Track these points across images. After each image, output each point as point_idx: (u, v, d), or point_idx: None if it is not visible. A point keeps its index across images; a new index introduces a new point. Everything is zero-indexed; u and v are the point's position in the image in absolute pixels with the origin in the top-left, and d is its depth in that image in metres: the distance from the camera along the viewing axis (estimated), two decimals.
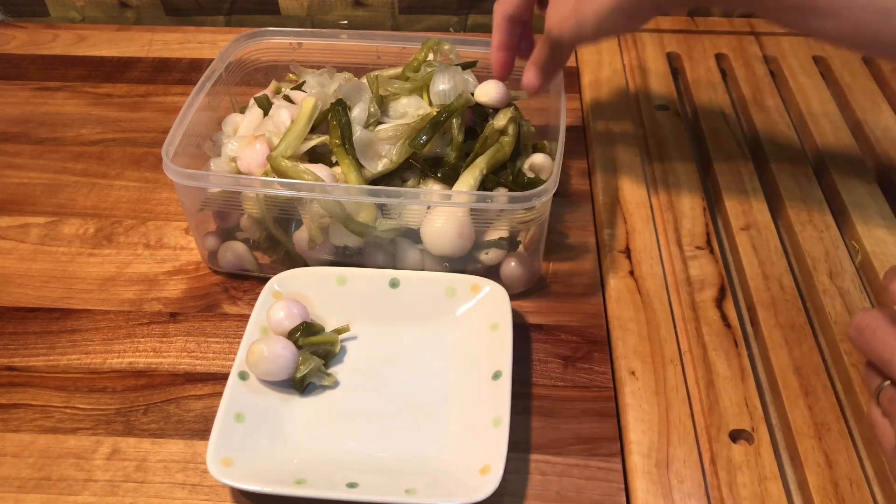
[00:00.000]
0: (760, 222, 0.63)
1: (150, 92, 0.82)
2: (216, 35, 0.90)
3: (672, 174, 0.68)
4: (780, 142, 0.71)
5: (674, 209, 0.65)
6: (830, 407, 0.50)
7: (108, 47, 0.88)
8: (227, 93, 0.67)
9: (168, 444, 0.51)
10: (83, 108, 0.79)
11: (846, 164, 0.68)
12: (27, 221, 0.67)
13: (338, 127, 0.57)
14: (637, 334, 0.55)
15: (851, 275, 0.58)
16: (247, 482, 0.45)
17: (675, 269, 0.60)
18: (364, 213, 0.55)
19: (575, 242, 0.65)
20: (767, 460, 0.48)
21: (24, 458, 0.50)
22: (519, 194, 0.52)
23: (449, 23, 0.93)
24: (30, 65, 0.85)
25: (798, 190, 0.66)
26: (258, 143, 0.57)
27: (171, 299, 0.60)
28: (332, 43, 0.68)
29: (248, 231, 0.60)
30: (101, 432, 0.51)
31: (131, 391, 0.54)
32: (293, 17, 0.93)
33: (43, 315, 0.59)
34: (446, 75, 0.60)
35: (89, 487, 0.48)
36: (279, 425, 0.50)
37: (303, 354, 0.52)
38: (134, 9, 0.93)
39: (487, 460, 0.46)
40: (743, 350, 0.54)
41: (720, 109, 0.75)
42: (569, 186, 0.70)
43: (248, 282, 0.61)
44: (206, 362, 0.56)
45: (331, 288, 0.57)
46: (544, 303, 0.60)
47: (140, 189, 0.70)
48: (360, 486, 0.46)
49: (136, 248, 0.64)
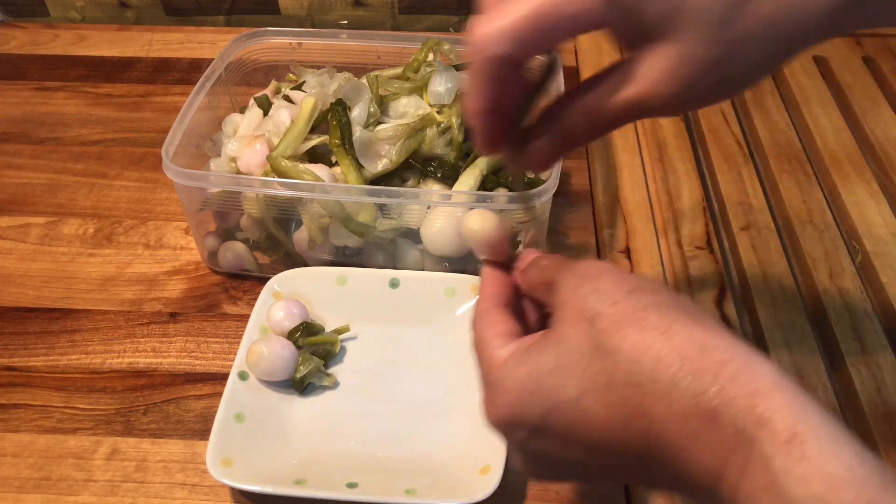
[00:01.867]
0: (760, 222, 0.63)
1: (149, 92, 0.81)
2: (216, 35, 0.90)
3: (672, 174, 0.68)
4: (780, 142, 0.71)
5: (674, 209, 0.65)
6: (830, 407, 0.50)
7: (108, 47, 0.88)
8: (227, 93, 0.67)
9: (168, 444, 0.51)
10: (83, 108, 0.79)
11: (846, 164, 0.68)
12: (27, 221, 0.67)
13: (338, 127, 0.56)
14: None
15: (851, 275, 0.58)
16: (246, 482, 0.45)
17: (675, 269, 0.60)
18: (364, 213, 0.55)
19: (575, 242, 0.65)
20: None
21: (24, 458, 0.50)
22: (519, 194, 0.52)
23: (449, 23, 0.93)
24: (30, 65, 0.85)
25: (798, 190, 0.66)
26: (258, 143, 0.57)
27: (171, 299, 0.60)
28: (332, 43, 0.68)
29: (248, 231, 0.60)
30: (101, 432, 0.51)
31: (131, 391, 0.54)
32: (293, 17, 0.93)
33: (43, 315, 0.59)
34: (444, 76, 0.60)
35: (89, 487, 0.48)
36: (279, 425, 0.50)
37: (303, 354, 0.52)
38: (134, 9, 0.93)
39: (487, 460, 0.46)
40: None
41: (720, 109, 0.75)
42: (569, 186, 0.70)
43: (248, 282, 0.61)
44: (206, 362, 0.56)
45: (331, 288, 0.57)
46: None
47: (140, 189, 0.70)
48: (360, 486, 0.46)
49: (135, 248, 0.64)
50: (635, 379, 0.27)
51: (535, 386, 0.30)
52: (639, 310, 0.29)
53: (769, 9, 0.29)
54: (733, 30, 0.29)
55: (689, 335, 0.27)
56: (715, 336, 0.27)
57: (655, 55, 0.30)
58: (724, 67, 0.30)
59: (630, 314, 0.29)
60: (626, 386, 0.27)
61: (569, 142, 0.35)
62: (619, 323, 0.28)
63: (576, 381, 0.29)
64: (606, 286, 0.30)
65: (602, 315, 0.29)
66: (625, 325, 0.28)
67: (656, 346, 0.27)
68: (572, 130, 0.34)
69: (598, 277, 0.31)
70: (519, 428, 0.31)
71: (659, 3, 0.29)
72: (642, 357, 0.27)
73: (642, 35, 0.30)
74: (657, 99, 0.31)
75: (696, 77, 0.30)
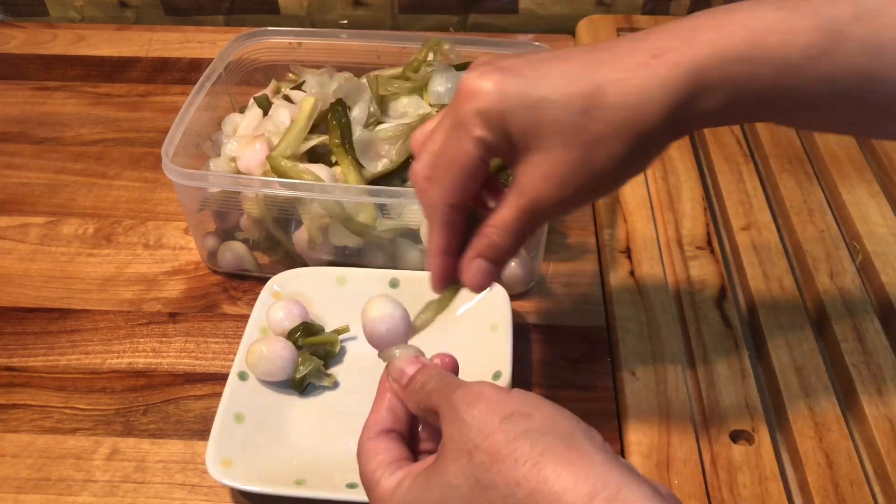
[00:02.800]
0: (760, 222, 0.63)
1: (149, 92, 0.81)
2: (216, 35, 0.90)
3: (672, 174, 0.68)
4: (780, 142, 0.71)
5: (674, 209, 0.65)
6: (830, 407, 0.50)
7: (108, 47, 0.88)
8: (227, 92, 0.67)
9: (167, 444, 0.51)
10: (82, 108, 0.79)
11: (846, 164, 0.68)
12: (26, 221, 0.67)
13: (338, 127, 0.56)
14: (637, 335, 0.55)
15: (852, 275, 0.58)
16: (246, 483, 0.45)
17: (676, 270, 0.60)
18: (364, 213, 0.55)
19: (575, 242, 0.65)
20: (768, 460, 0.47)
21: (24, 458, 0.50)
22: None
23: (449, 23, 0.93)
24: (29, 64, 0.85)
25: (798, 190, 0.66)
26: (258, 143, 0.57)
27: (171, 299, 0.60)
28: (332, 43, 0.68)
29: (247, 231, 0.60)
30: (101, 433, 0.51)
31: (131, 391, 0.54)
32: (293, 16, 0.93)
33: (42, 315, 0.59)
34: (444, 76, 0.59)
35: (89, 488, 0.48)
36: (279, 425, 0.50)
37: (302, 355, 0.52)
38: (133, 8, 0.93)
39: None
40: (743, 350, 0.54)
41: None
42: None
43: (248, 282, 0.61)
44: (206, 362, 0.56)
45: (331, 288, 0.57)
46: (544, 303, 0.60)
47: (139, 189, 0.70)
48: (359, 487, 0.45)
49: (135, 248, 0.64)
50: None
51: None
52: (511, 440, 0.30)
53: (612, 115, 0.33)
54: (587, 133, 0.34)
55: (560, 464, 0.28)
56: (588, 464, 0.28)
57: (531, 165, 0.35)
58: (589, 166, 0.34)
59: (502, 446, 0.30)
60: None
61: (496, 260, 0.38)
62: (493, 457, 0.30)
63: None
64: (481, 416, 0.31)
65: (478, 449, 0.30)
66: (499, 458, 0.29)
67: (528, 479, 0.28)
68: (492, 248, 0.38)
69: (474, 405, 0.32)
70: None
71: (521, 121, 0.34)
72: (517, 490, 0.28)
73: (516, 151, 0.35)
74: (545, 202, 0.35)
75: (566, 177, 0.35)
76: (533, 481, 0.28)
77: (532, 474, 0.28)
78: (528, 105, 0.34)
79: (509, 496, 0.28)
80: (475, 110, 0.34)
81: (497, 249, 0.38)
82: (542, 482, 0.28)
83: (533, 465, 0.28)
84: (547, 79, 0.34)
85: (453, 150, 0.35)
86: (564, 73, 0.34)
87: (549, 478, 0.28)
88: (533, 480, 0.28)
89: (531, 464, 0.29)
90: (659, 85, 0.33)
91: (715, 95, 0.33)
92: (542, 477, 0.28)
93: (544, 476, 0.28)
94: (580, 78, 0.34)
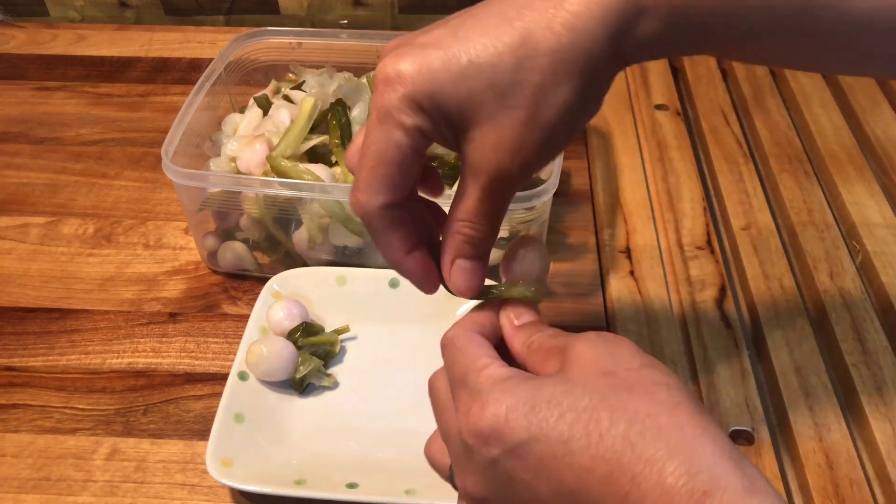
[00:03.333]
0: (760, 222, 0.63)
1: (149, 92, 0.81)
2: (216, 35, 0.90)
3: (672, 174, 0.68)
4: (780, 142, 0.71)
5: (674, 209, 0.65)
6: (830, 407, 0.50)
7: (108, 47, 0.88)
8: (227, 92, 0.67)
9: (167, 444, 0.51)
10: (82, 108, 0.79)
11: (846, 163, 0.68)
12: (26, 221, 0.67)
13: (338, 127, 0.56)
14: (637, 335, 0.55)
15: (852, 275, 0.58)
16: (246, 483, 0.45)
17: (676, 269, 0.60)
18: None
19: (575, 242, 0.65)
20: (768, 460, 0.47)
21: (24, 458, 0.50)
22: (519, 194, 0.52)
23: None
24: (29, 64, 0.85)
25: (798, 190, 0.66)
26: (258, 142, 0.57)
27: (171, 299, 0.60)
28: (332, 43, 0.68)
29: (247, 231, 0.60)
30: (101, 433, 0.51)
31: (131, 391, 0.54)
32: (293, 16, 0.93)
33: (42, 315, 0.59)
34: None
35: (89, 488, 0.48)
36: (279, 426, 0.50)
37: (302, 355, 0.52)
38: (133, 8, 0.93)
39: None
40: (743, 350, 0.54)
41: (720, 109, 0.75)
42: (569, 186, 0.70)
43: (248, 282, 0.61)
44: (206, 362, 0.56)
45: (331, 288, 0.57)
46: (544, 303, 0.59)
47: (139, 189, 0.70)
48: (360, 487, 0.46)
49: (135, 248, 0.64)
50: (632, 440, 0.27)
51: (528, 409, 0.29)
52: (651, 383, 0.29)
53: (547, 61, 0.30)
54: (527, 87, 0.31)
55: (693, 417, 0.28)
56: (716, 427, 0.28)
57: (478, 140, 0.32)
58: (539, 122, 0.31)
59: (642, 382, 0.29)
60: (620, 442, 0.27)
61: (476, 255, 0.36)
62: (631, 386, 0.29)
63: (571, 420, 0.28)
64: (625, 353, 0.31)
65: (616, 374, 0.29)
66: (636, 389, 0.29)
67: (661, 418, 0.28)
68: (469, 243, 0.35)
69: (618, 344, 0.31)
70: (496, 443, 0.30)
71: (455, 96, 0.31)
72: (646, 421, 0.27)
73: (457, 130, 0.32)
74: (506, 174, 0.32)
75: (519, 141, 0.32)
76: (666, 423, 0.27)
77: (665, 416, 0.28)
78: (457, 77, 0.31)
79: (636, 423, 0.27)
80: (400, 98, 0.31)
81: (474, 242, 0.35)
82: (675, 425, 0.27)
83: (667, 409, 0.28)
84: (468, 42, 0.31)
85: (381, 146, 0.32)
86: (486, 31, 0.31)
87: (682, 422, 0.27)
88: (667, 422, 0.27)
89: (666, 407, 0.28)
90: (590, 17, 0.30)
91: (651, 21, 0.31)
92: (676, 421, 0.27)
93: (678, 421, 0.27)
94: (503, 31, 0.31)
